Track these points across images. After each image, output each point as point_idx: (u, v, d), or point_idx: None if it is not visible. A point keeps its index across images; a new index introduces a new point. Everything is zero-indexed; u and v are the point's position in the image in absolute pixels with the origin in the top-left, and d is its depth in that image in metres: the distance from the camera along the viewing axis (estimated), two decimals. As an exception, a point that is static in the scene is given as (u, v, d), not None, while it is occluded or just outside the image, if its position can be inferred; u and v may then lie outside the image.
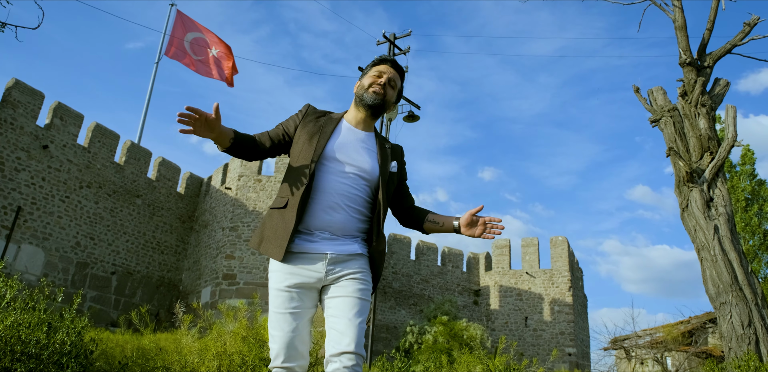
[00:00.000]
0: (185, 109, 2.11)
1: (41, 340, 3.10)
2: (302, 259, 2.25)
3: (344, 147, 2.35)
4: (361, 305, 2.21)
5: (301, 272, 2.24)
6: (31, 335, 3.10)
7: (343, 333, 2.13)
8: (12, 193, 15.79)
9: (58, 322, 3.39)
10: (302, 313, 2.25)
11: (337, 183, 2.28)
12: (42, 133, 16.88)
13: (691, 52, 8.61)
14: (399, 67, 2.50)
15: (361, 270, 2.29)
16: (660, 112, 8.92)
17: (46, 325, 3.23)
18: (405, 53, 15.86)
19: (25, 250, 15.97)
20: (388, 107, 2.46)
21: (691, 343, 16.49)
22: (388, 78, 2.42)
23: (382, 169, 2.35)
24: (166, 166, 21.03)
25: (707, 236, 8.08)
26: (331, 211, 2.26)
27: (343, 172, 2.30)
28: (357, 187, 2.30)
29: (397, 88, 2.49)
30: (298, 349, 2.20)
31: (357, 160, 2.33)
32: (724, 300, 7.85)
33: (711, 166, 8.32)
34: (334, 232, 2.27)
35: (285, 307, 2.22)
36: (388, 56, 2.51)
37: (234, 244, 18.99)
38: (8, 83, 16.48)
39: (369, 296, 2.29)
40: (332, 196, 2.27)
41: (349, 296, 2.22)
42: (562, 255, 24.99)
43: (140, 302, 18.85)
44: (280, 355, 2.16)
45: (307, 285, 2.25)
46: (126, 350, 5.69)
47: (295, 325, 2.21)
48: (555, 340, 23.56)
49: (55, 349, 3.18)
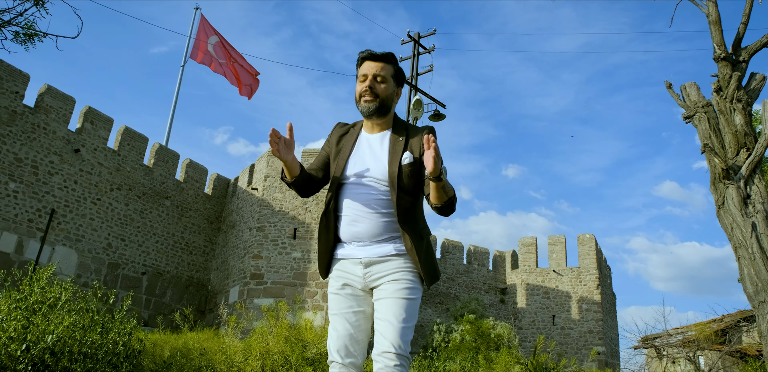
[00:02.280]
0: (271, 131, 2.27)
1: (96, 341, 3.20)
2: (344, 263, 2.38)
3: (360, 158, 2.43)
4: (400, 305, 2.25)
5: (345, 275, 2.38)
6: (87, 336, 3.19)
7: (384, 335, 2.20)
8: (46, 196, 16.14)
9: (110, 324, 3.48)
10: (353, 314, 2.33)
11: (358, 194, 2.36)
12: (73, 137, 17.22)
13: (725, 47, 8.46)
14: (381, 55, 2.44)
15: (399, 269, 2.31)
16: (694, 108, 8.79)
17: (99, 327, 3.33)
18: (430, 52, 15.84)
19: (59, 252, 16.32)
20: (388, 103, 2.43)
21: (725, 342, 16.21)
22: (374, 76, 2.40)
23: (390, 169, 2.35)
24: (194, 168, 21.31)
25: (744, 234, 7.94)
26: (355, 223, 2.34)
27: (361, 184, 2.37)
28: (378, 192, 2.35)
29: (389, 77, 2.43)
30: (349, 348, 2.28)
31: (371, 166, 2.38)
32: (763, 299, 7.70)
33: (748, 162, 8.17)
34: (364, 240, 2.34)
35: (336, 309, 2.35)
36: (366, 51, 2.43)
37: (261, 244, 19.16)
38: (41, 89, 16.85)
39: (413, 294, 2.29)
40: (353, 209, 2.35)
41: (389, 298, 2.27)
42: (590, 252, 24.74)
43: (170, 302, 19.15)
44: (332, 351, 2.27)
45: (353, 286, 2.37)
46: (165, 349, 5.80)
47: (346, 325, 2.31)
48: (583, 338, 23.34)
49: (109, 350, 3.27)
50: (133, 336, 3.76)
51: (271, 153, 19.96)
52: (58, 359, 2.91)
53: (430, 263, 2.37)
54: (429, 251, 2.40)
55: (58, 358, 2.91)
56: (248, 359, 4.47)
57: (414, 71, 15.78)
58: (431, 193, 2.27)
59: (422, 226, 2.42)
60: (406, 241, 2.32)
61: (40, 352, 2.79)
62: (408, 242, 2.31)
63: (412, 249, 2.31)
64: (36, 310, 3.16)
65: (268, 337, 4.80)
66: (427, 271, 2.33)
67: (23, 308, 3.11)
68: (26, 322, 2.94)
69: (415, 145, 2.40)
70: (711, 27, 8.64)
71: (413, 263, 2.32)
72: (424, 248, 2.37)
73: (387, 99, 2.43)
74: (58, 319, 3.09)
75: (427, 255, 2.37)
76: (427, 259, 2.36)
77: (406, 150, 2.39)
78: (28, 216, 15.63)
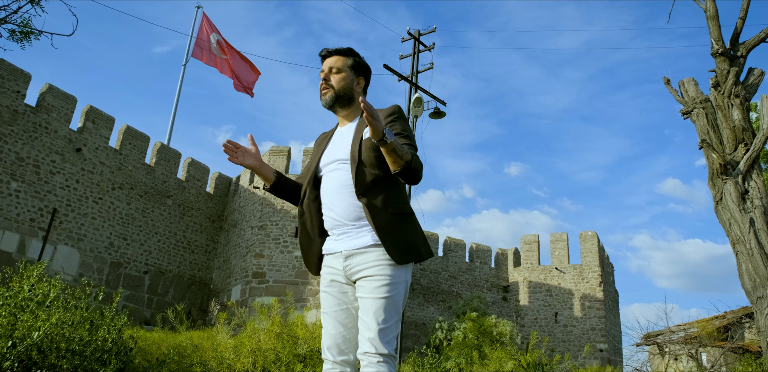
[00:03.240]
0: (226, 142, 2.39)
1: (84, 338, 3.21)
2: (329, 258, 2.40)
3: (332, 148, 2.47)
4: (378, 305, 2.22)
5: (331, 270, 2.39)
6: (75, 333, 3.20)
7: (363, 335, 2.20)
8: (48, 196, 16.20)
9: (99, 320, 3.50)
10: (341, 312, 2.34)
11: (330, 180, 2.40)
12: (75, 136, 17.27)
13: (723, 42, 8.42)
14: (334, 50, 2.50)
15: (376, 264, 2.26)
16: (692, 103, 8.75)
17: (88, 323, 3.34)
18: (430, 49, 15.82)
19: (61, 251, 16.38)
20: (345, 91, 2.46)
21: (727, 339, 16.15)
22: (327, 68, 2.47)
23: (352, 146, 2.36)
24: (196, 167, 21.35)
25: (742, 229, 7.90)
26: (332, 207, 2.36)
27: (334, 170, 2.40)
28: (347, 172, 2.36)
29: (345, 67, 2.47)
30: (341, 346, 2.30)
31: (338, 152, 2.42)
32: (761, 294, 7.67)
33: (746, 157, 8.13)
34: (343, 223, 2.34)
35: (326, 307, 2.38)
36: (322, 50, 2.50)
37: (263, 243, 19.19)
38: (42, 88, 16.90)
39: (391, 290, 2.22)
40: (328, 196, 2.38)
41: (365, 297, 2.25)
42: (592, 250, 24.69)
43: (172, 301, 19.20)
44: (324, 350, 2.30)
45: (339, 281, 2.37)
46: (161, 347, 5.81)
47: (335, 324, 2.32)
48: (586, 335, 23.31)
49: (97, 346, 3.29)
50: (125, 333, 3.78)
51: (272, 151, 19.97)
52: (45, 356, 2.92)
53: (401, 237, 2.27)
54: (405, 227, 2.30)
55: (45, 354, 2.93)
56: (239, 356, 4.49)
57: (414, 69, 15.75)
58: (387, 160, 2.19)
59: (394, 201, 2.33)
60: (364, 211, 2.26)
61: (26, 349, 2.81)
62: (366, 212, 2.26)
63: (370, 219, 2.24)
64: (24, 307, 3.18)
65: (259, 333, 4.81)
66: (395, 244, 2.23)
67: (11, 305, 3.13)
68: (12, 318, 2.95)
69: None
70: (709, 22, 8.60)
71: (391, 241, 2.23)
72: (391, 221, 2.27)
73: (343, 88, 2.46)
74: (45, 315, 3.11)
75: (396, 228, 2.27)
76: (399, 231, 2.27)
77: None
78: (30, 215, 15.69)
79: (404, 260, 2.25)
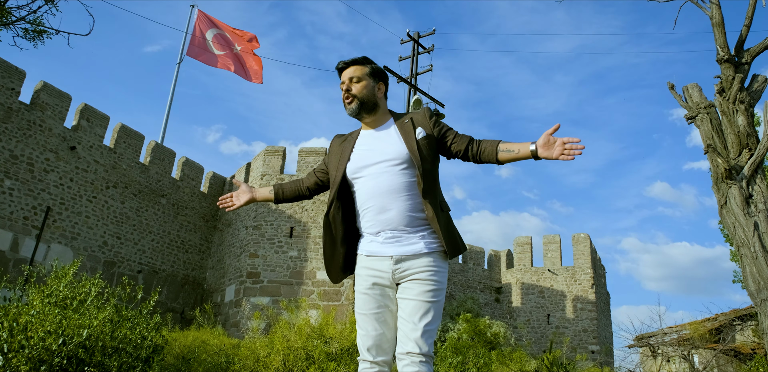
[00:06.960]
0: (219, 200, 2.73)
1: (128, 336, 3.21)
2: (372, 260, 2.40)
3: (368, 150, 2.47)
4: (426, 308, 2.28)
5: (374, 273, 2.39)
6: (117, 331, 3.19)
7: (408, 336, 2.24)
8: (41, 194, 16.02)
9: (138, 318, 3.50)
10: (381, 313, 2.37)
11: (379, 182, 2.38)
12: (69, 134, 17.10)
13: (728, 49, 8.57)
14: (350, 60, 2.55)
15: (427, 269, 2.33)
16: (696, 109, 8.89)
17: (129, 322, 3.34)
18: (429, 52, 15.88)
19: (55, 250, 16.20)
20: (369, 98, 2.50)
21: (719, 341, 16.38)
22: (348, 79, 2.50)
23: (409, 146, 2.40)
24: (190, 166, 21.22)
25: (747, 233, 8.05)
26: (386, 211, 2.36)
27: (382, 173, 2.39)
28: (398, 175, 2.38)
29: (364, 75, 2.51)
30: (382, 346, 2.33)
31: (384, 153, 2.42)
32: (765, 296, 7.82)
33: (750, 162, 8.28)
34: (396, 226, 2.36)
35: (364, 309, 2.38)
36: (339, 63, 2.55)
37: (257, 243, 19.12)
38: (37, 86, 16.71)
39: (437, 296, 2.32)
40: (379, 197, 2.37)
41: (413, 299, 2.30)
42: (585, 252, 24.91)
43: (166, 300, 19.07)
44: (363, 351, 2.32)
45: (382, 284, 2.38)
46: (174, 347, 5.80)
47: (374, 325, 2.34)
48: (578, 337, 23.50)
49: (137, 344, 3.28)
50: (159, 331, 3.78)
51: (267, 152, 19.92)
52: (92, 354, 2.91)
53: (451, 234, 2.41)
54: (450, 224, 2.45)
55: (91, 352, 2.92)
56: (271, 354, 4.50)
57: (413, 71, 15.81)
58: (506, 157, 2.42)
59: (441, 199, 2.48)
60: (428, 210, 2.35)
61: (75, 347, 2.80)
62: (430, 211, 2.35)
63: (433, 218, 2.35)
64: (67, 305, 3.17)
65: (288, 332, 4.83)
66: (449, 241, 2.38)
67: (52, 304, 3.12)
68: (60, 317, 2.94)
69: (421, 123, 2.49)
70: (714, 29, 8.74)
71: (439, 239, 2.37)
72: (444, 219, 2.41)
73: (366, 95, 2.50)
74: (95, 312, 3.10)
75: (447, 226, 2.41)
76: (449, 230, 2.41)
77: (419, 126, 2.48)
78: (24, 213, 15.51)
79: (454, 255, 2.42)
